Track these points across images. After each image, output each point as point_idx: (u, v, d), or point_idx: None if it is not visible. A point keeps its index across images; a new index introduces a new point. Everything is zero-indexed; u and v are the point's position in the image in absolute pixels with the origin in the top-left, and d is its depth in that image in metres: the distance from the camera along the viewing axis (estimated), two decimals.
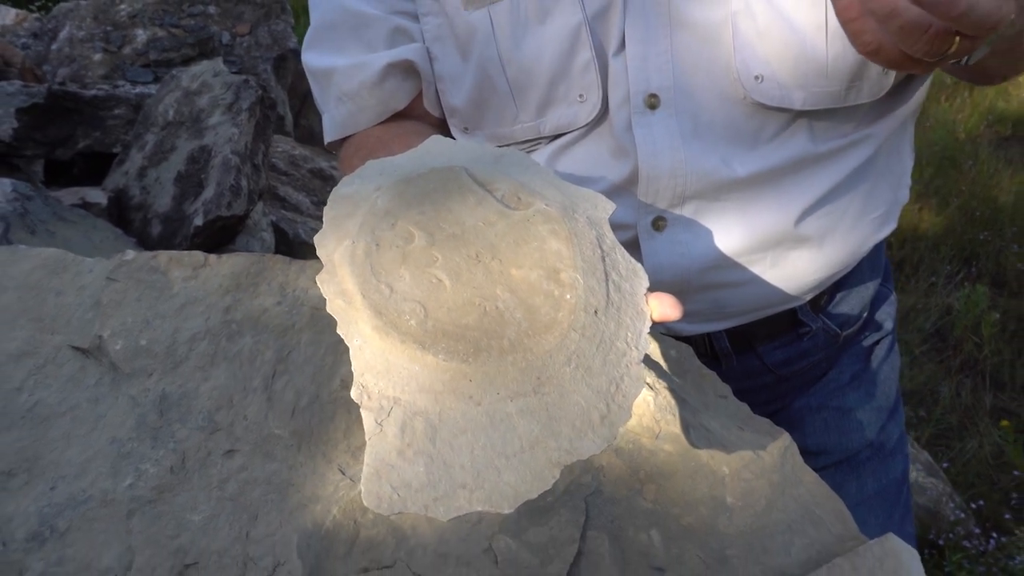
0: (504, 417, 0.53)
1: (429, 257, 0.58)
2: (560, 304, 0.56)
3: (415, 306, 0.56)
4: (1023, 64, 0.81)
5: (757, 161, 0.78)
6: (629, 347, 0.57)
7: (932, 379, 2.88)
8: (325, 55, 0.84)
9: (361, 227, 0.60)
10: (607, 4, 0.75)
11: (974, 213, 3.75)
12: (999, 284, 3.40)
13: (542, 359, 0.55)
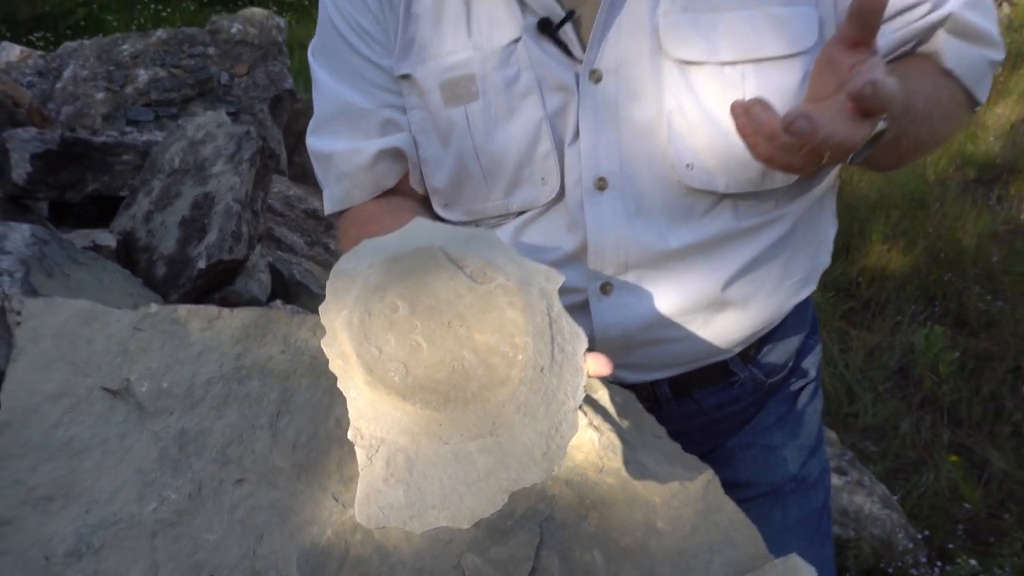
0: (466, 454, 0.68)
1: (410, 324, 0.72)
2: (513, 363, 0.70)
3: (398, 365, 0.70)
4: (911, 158, 0.97)
5: (689, 235, 0.92)
6: (567, 398, 0.71)
7: (894, 415, 3.02)
8: (326, 140, 0.98)
9: (356, 299, 0.74)
10: (564, 103, 0.90)
11: (939, 254, 3.92)
12: (961, 324, 3.56)
13: (497, 408, 0.69)
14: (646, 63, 0.87)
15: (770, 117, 0.66)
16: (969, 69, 0.92)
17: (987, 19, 0.92)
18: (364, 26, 0.94)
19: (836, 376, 3.21)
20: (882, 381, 3.20)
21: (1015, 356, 3.25)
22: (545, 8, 0.88)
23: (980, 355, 3.30)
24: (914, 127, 0.87)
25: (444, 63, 0.91)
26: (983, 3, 0.92)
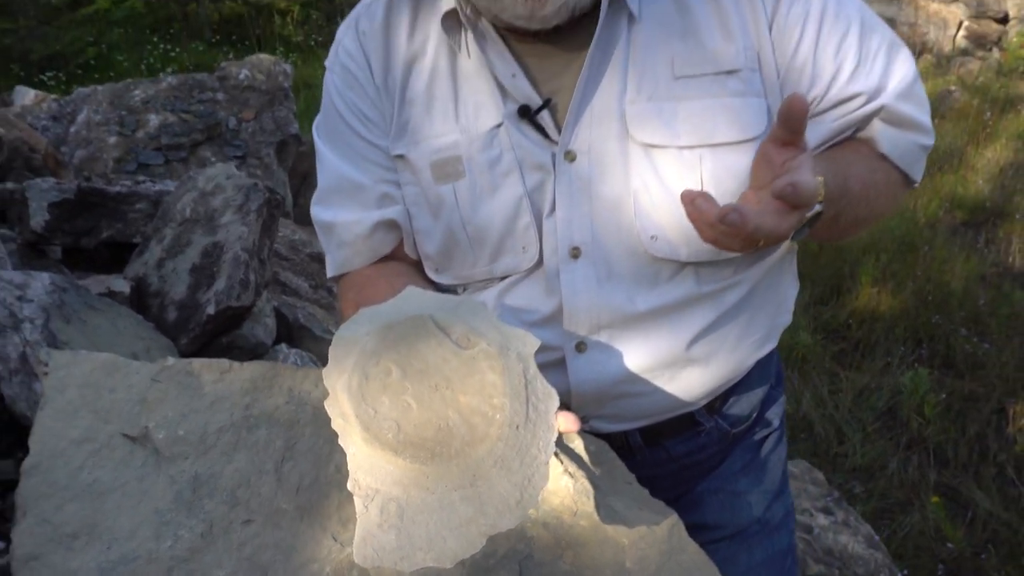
0: (450, 503, 0.77)
1: (402, 387, 0.82)
2: (492, 422, 0.80)
3: (392, 424, 0.80)
4: (852, 232, 1.07)
5: (655, 299, 1.01)
6: (540, 452, 0.80)
7: (882, 455, 3.09)
8: (329, 211, 1.09)
9: (355, 364, 0.84)
10: (542, 181, 1.00)
11: (927, 297, 4.02)
12: (948, 365, 3.64)
13: (477, 462, 0.78)
14: (615, 145, 0.98)
15: (710, 207, 0.76)
16: (903, 154, 1.02)
17: (919, 109, 1.02)
18: (363, 110, 1.05)
19: (826, 417, 3.28)
20: (871, 422, 3.27)
21: (1000, 397, 3.33)
22: (525, 96, 0.98)
23: (966, 396, 3.38)
24: (851, 207, 0.96)
25: (434, 145, 1.01)
26: (915, 95, 1.02)
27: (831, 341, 3.84)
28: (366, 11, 1.06)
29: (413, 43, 1.03)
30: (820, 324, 3.96)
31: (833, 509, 2.53)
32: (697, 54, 0.96)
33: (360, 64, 1.04)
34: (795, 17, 0.96)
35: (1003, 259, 4.59)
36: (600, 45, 0.96)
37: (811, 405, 3.32)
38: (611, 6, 0.96)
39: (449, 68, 1.01)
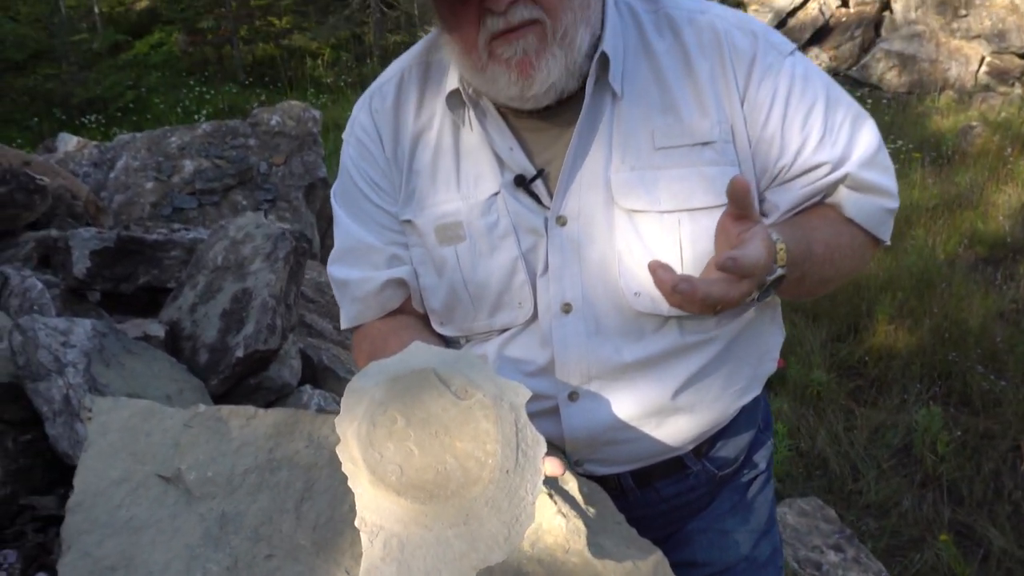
0: (445, 539, 0.86)
1: (406, 434, 0.92)
2: (484, 466, 0.89)
3: (395, 467, 0.90)
4: (821, 291, 1.14)
5: (641, 351, 1.09)
6: (527, 494, 0.89)
7: (897, 492, 3.12)
8: (343, 269, 1.20)
9: (364, 413, 0.94)
10: (535, 243, 1.10)
11: (944, 334, 4.04)
12: (965, 403, 3.66)
13: (470, 502, 0.87)
14: (601, 210, 1.07)
15: (669, 277, 0.85)
16: (867, 217, 1.11)
17: (883, 175, 1.11)
18: (375, 179, 1.16)
19: (841, 454, 3.32)
20: (886, 459, 3.30)
21: (1016, 435, 3.34)
22: (521, 167, 1.09)
23: (982, 434, 3.40)
24: (816, 268, 1.05)
25: (438, 211, 1.12)
26: (879, 162, 1.11)
27: (847, 378, 3.88)
28: (379, 90, 1.17)
29: (420, 119, 1.14)
30: (837, 361, 4.00)
31: (844, 546, 2.57)
32: (676, 127, 1.06)
33: (373, 138, 1.16)
34: (764, 94, 1.06)
35: (1022, 296, 4.60)
36: (586, 121, 1.07)
37: (826, 442, 3.36)
38: (596, 86, 1.06)
39: (452, 141, 1.12)
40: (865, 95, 8.99)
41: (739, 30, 1.08)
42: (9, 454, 1.79)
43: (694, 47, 1.07)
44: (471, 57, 1.03)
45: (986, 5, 9.31)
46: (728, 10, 1.11)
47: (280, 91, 11.92)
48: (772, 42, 1.08)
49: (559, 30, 1.00)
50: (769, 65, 1.06)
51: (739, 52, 1.06)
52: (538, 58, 1.00)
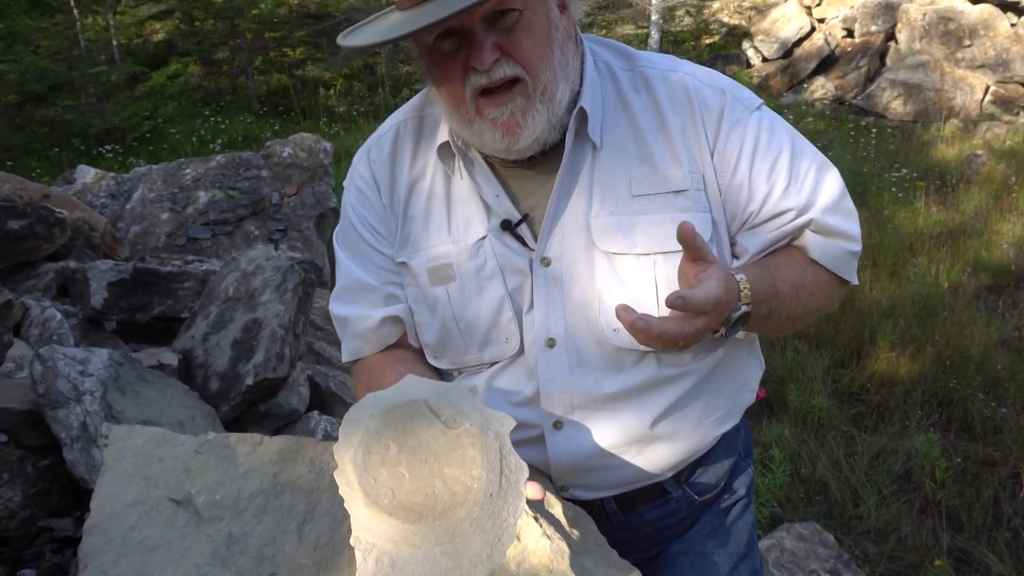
0: (432, 556, 0.94)
1: (398, 460, 0.99)
2: (470, 490, 0.97)
3: (388, 491, 0.97)
4: (790, 327, 1.21)
5: (620, 383, 1.16)
6: (509, 515, 0.96)
7: (897, 518, 3.15)
8: (344, 307, 1.28)
9: (360, 441, 1.01)
10: (521, 282, 1.18)
11: (946, 362, 4.08)
12: (966, 430, 3.69)
13: (456, 523, 0.95)
14: (582, 253, 1.15)
15: (628, 317, 0.93)
16: (832, 259, 1.18)
17: (846, 221, 1.18)
18: (373, 224, 1.25)
19: (841, 479, 3.36)
20: (887, 485, 3.33)
21: (1016, 462, 3.37)
22: (506, 212, 1.17)
23: (982, 460, 3.43)
24: (783, 305, 1.12)
25: (430, 254, 1.20)
26: (842, 208, 1.18)
27: (849, 404, 3.92)
28: (377, 142, 1.26)
29: (415, 168, 1.23)
30: (839, 387, 4.04)
31: (841, 571, 2.61)
32: (651, 177, 1.14)
33: (371, 186, 1.24)
34: (732, 146, 1.14)
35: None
36: (567, 170, 1.15)
37: (827, 468, 3.40)
38: (576, 138, 1.15)
39: (444, 189, 1.21)
40: (870, 124, 9.08)
41: (708, 87, 1.16)
42: (28, 478, 1.88)
43: (667, 103, 1.16)
44: (459, 111, 1.11)
45: (990, 35, 9.40)
46: (699, 68, 1.20)
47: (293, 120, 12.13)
48: (739, 98, 1.16)
49: (539, 87, 1.08)
50: (737, 119, 1.14)
51: (708, 107, 1.15)
52: (523, 116, 1.08)
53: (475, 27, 1.05)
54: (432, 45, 1.08)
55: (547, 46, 1.09)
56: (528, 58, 1.07)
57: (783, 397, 3.91)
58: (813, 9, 11.08)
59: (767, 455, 3.37)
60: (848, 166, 7.33)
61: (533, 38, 1.08)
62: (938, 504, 3.18)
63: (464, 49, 1.06)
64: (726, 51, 12.32)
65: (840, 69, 10.25)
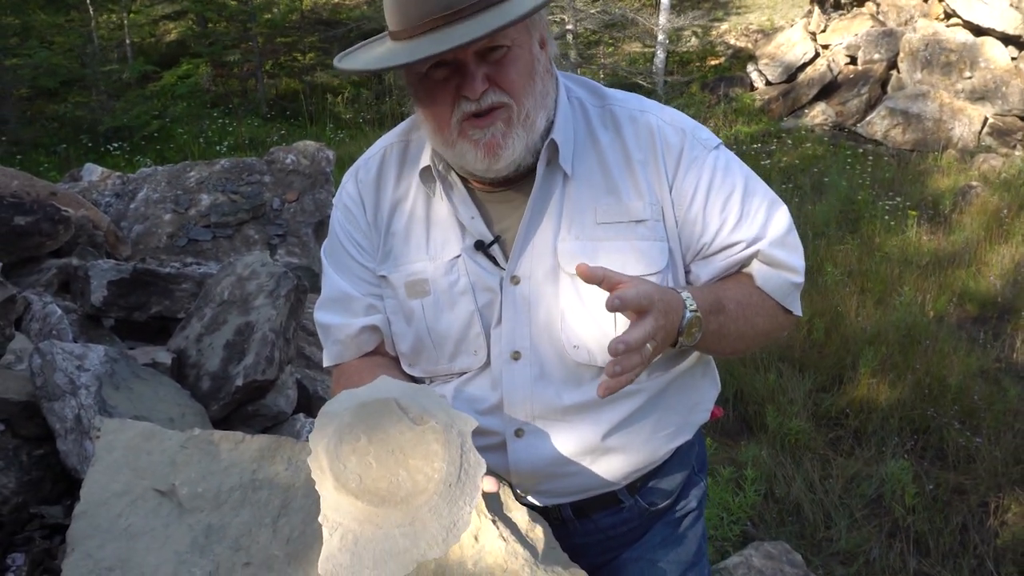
0: (392, 536, 1.03)
1: (367, 450, 1.09)
2: (431, 480, 1.06)
3: (356, 476, 1.06)
4: (742, 345, 1.27)
5: (577, 396, 1.25)
6: (465, 505, 1.06)
7: (866, 541, 3.23)
8: (327, 315, 1.37)
9: (334, 432, 1.11)
10: (491, 299, 1.26)
11: (925, 390, 4.16)
12: (941, 457, 3.77)
13: (416, 508, 1.04)
14: (549, 273, 1.24)
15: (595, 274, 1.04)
16: (775, 288, 1.26)
17: (792, 254, 1.27)
18: (358, 240, 1.34)
19: (815, 501, 3.43)
20: (859, 508, 3.41)
21: (986, 492, 3.45)
22: (480, 233, 1.26)
23: (954, 488, 3.50)
24: (730, 321, 1.20)
25: (409, 269, 1.30)
26: (788, 243, 1.27)
27: (827, 428, 4.00)
28: (364, 164, 1.36)
29: (399, 190, 1.32)
30: (819, 411, 4.12)
31: None
32: (615, 207, 1.24)
33: (357, 205, 1.34)
34: (689, 182, 1.24)
35: (1007, 355, 4.72)
36: (538, 196, 1.24)
37: (802, 489, 3.47)
38: (548, 167, 1.24)
39: (424, 210, 1.30)
40: (868, 151, 9.18)
41: (671, 127, 1.26)
42: (23, 466, 1.96)
43: (632, 141, 1.25)
44: (443, 134, 1.20)
45: (990, 68, 9.51)
46: (664, 109, 1.30)
47: (300, 125, 12.25)
48: (699, 137, 1.26)
49: (522, 113, 1.19)
50: (695, 157, 1.24)
51: (669, 146, 1.24)
52: (504, 139, 1.18)
53: (468, 60, 1.15)
54: (425, 73, 1.17)
55: (531, 77, 1.19)
56: (514, 88, 1.17)
57: (762, 418, 3.99)
58: (818, 35, 11.21)
59: (742, 474, 3.44)
60: (844, 193, 7.43)
61: (519, 70, 1.18)
62: (907, 529, 3.26)
63: (456, 79, 1.16)
64: (730, 73, 12.45)
65: (841, 95, 10.37)
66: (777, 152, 9.33)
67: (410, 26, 1.14)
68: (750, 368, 4.44)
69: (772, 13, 14.31)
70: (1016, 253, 6.08)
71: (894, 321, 4.79)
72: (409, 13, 1.13)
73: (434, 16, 1.11)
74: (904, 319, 4.81)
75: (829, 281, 5.49)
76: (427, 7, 1.12)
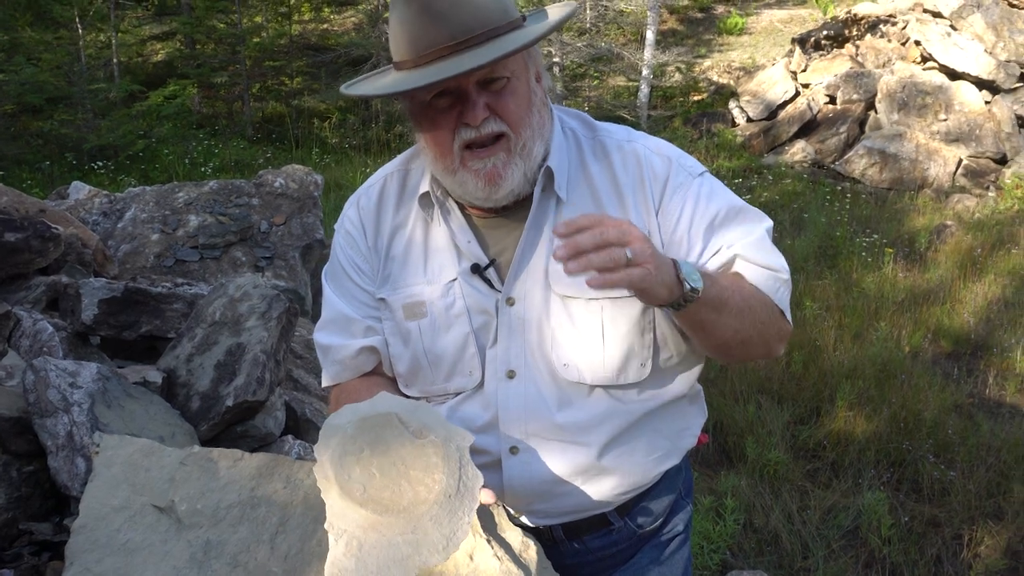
0: (395, 543, 1.07)
1: (370, 461, 1.13)
2: (431, 490, 1.10)
3: (360, 486, 1.10)
4: (741, 347, 1.26)
5: (570, 414, 1.29)
6: (464, 515, 1.11)
7: (843, 571, 3.28)
8: (326, 336, 1.41)
9: (338, 443, 1.15)
10: (486, 321, 1.31)
11: (900, 424, 4.24)
12: (916, 490, 3.83)
13: (418, 517, 1.09)
14: (541, 295, 1.29)
15: None
16: (763, 282, 1.27)
17: (770, 255, 1.29)
18: (359, 264, 1.39)
19: (793, 532, 3.48)
20: (836, 539, 3.46)
21: (960, 524, 3.51)
22: (476, 257, 1.31)
23: (928, 520, 3.57)
24: (731, 316, 1.21)
25: (407, 292, 1.34)
26: (766, 246, 1.30)
27: (805, 459, 4.06)
28: (366, 192, 1.41)
29: (398, 216, 1.37)
30: (797, 443, 4.18)
31: None
32: None
33: (358, 230, 1.39)
34: (674, 207, 1.30)
35: (980, 390, 4.81)
36: (534, 220, 1.30)
37: (780, 519, 3.52)
38: (543, 193, 1.30)
39: (423, 235, 1.35)
40: (846, 188, 9.36)
41: (657, 155, 1.33)
42: (13, 482, 1.97)
43: (620, 169, 1.32)
44: (445, 161, 1.26)
45: (964, 111, 9.76)
46: (650, 138, 1.37)
47: (286, 149, 12.29)
48: (684, 165, 1.33)
49: (520, 143, 1.25)
50: (679, 183, 1.30)
51: (656, 173, 1.31)
52: (504, 169, 1.24)
53: (470, 89, 1.21)
54: (428, 101, 1.23)
55: (528, 108, 1.26)
56: (512, 117, 1.23)
57: (742, 449, 4.05)
58: (799, 74, 11.45)
59: (721, 503, 3.49)
60: (822, 229, 7.56)
61: (517, 101, 1.24)
62: (883, 560, 3.31)
63: (457, 107, 1.22)
64: (713, 108, 12.66)
65: (821, 134, 10.58)
66: (758, 188, 9.49)
67: (417, 55, 1.20)
68: (730, 400, 4.51)
69: (754, 51, 14.59)
70: (989, 291, 6.21)
71: (871, 356, 4.87)
72: (417, 42, 1.20)
73: (440, 46, 1.18)
74: (880, 354, 4.90)
75: (808, 315, 5.58)
76: (435, 37, 1.18)
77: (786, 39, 13.60)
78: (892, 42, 11.03)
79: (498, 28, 1.20)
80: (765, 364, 4.84)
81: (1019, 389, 4.81)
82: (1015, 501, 3.63)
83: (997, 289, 6.25)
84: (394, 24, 1.23)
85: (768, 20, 16.02)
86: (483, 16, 1.19)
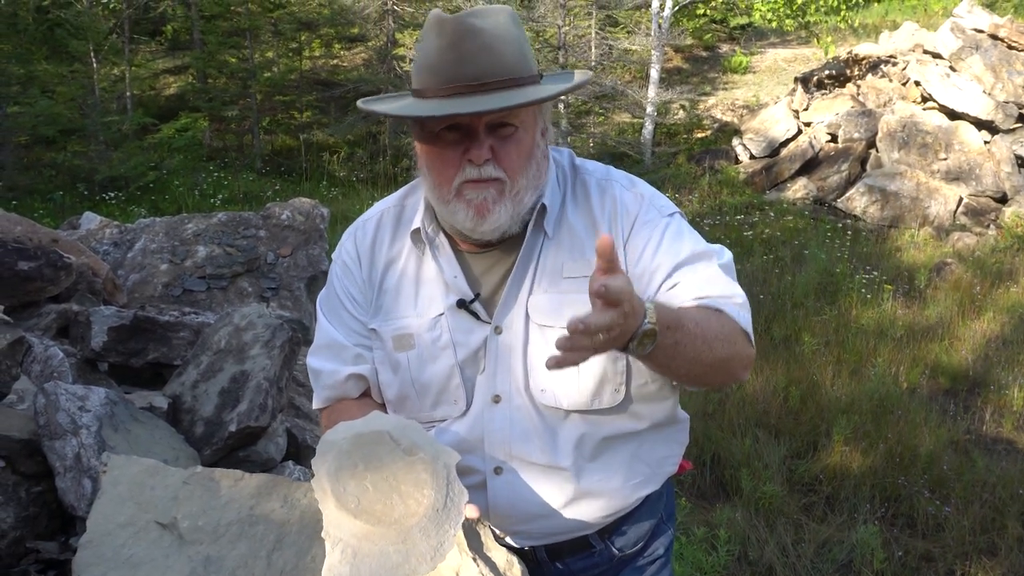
0: (386, 552, 1.14)
1: (364, 476, 1.20)
2: (420, 504, 1.17)
3: (354, 498, 1.18)
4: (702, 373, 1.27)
5: (548, 440, 1.36)
6: (451, 527, 1.18)
7: None
8: (318, 361, 1.48)
9: (333, 458, 1.22)
10: (472, 352, 1.38)
11: (896, 459, 4.27)
12: (911, 525, 3.86)
13: (408, 528, 1.16)
14: (522, 324, 1.37)
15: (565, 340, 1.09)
16: (724, 305, 1.29)
17: (728, 286, 1.32)
18: (352, 293, 1.47)
19: (787, 565, 3.51)
20: (830, 573, 3.49)
21: (953, 560, 3.54)
22: (462, 292, 1.39)
23: (922, 555, 3.59)
24: (688, 340, 1.20)
25: (397, 324, 1.42)
26: (722, 279, 1.32)
27: (801, 493, 4.09)
28: (362, 226, 1.50)
29: (392, 250, 1.46)
30: (794, 476, 4.22)
31: None
32: (580, 263, 1.36)
33: (354, 262, 1.47)
34: (640, 241, 1.37)
35: (977, 427, 4.85)
36: (525, 254, 1.38)
37: (775, 552, 3.55)
38: (535, 228, 1.38)
39: (415, 269, 1.43)
40: (848, 226, 9.44)
41: (631, 193, 1.41)
42: (21, 502, 2.04)
43: (597, 206, 1.41)
44: (442, 190, 1.34)
45: (964, 150, 9.87)
46: (627, 177, 1.46)
47: (295, 181, 12.47)
48: (655, 204, 1.40)
49: (514, 189, 1.33)
50: (648, 220, 1.38)
51: (628, 209, 1.39)
52: (494, 205, 1.32)
53: (479, 128, 1.29)
54: (437, 132, 1.31)
55: (528, 160, 1.34)
56: (511, 166, 1.32)
57: (738, 482, 4.08)
58: (801, 113, 11.60)
59: (716, 535, 3.52)
60: (822, 265, 7.64)
61: (519, 151, 1.33)
62: None
63: (464, 143, 1.30)
64: (716, 146, 12.82)
65: (822, 171, 10.70)
66: (760, 224, 9.58)
67: (438, 87, 1.27)
68: (727, 432, 4.55)
69: (758, 90, 14.80)
70: (988, 329, 6.26)
71: (868, 391, 4.92)
72: (441, 75, 1.27)
73: (461, 83, 1.26)
74: (878, 390, 4.94)
75: (806, 350, 5.64)
76: (459, 73, 1.26)
77: (789, 78, 13.79)
78: (893, 82, 11.19)
79: (518, 79, 1.28)
80: (763, 398, 4.89)
81: (1015, 426, 4.84)
82: (1009, 537, 3.65)
83: (996, 326, 6.30)
84: (422, 52, 1.30)
85: (772, 59, 16.26)
86: (507, 65, 1.27)
